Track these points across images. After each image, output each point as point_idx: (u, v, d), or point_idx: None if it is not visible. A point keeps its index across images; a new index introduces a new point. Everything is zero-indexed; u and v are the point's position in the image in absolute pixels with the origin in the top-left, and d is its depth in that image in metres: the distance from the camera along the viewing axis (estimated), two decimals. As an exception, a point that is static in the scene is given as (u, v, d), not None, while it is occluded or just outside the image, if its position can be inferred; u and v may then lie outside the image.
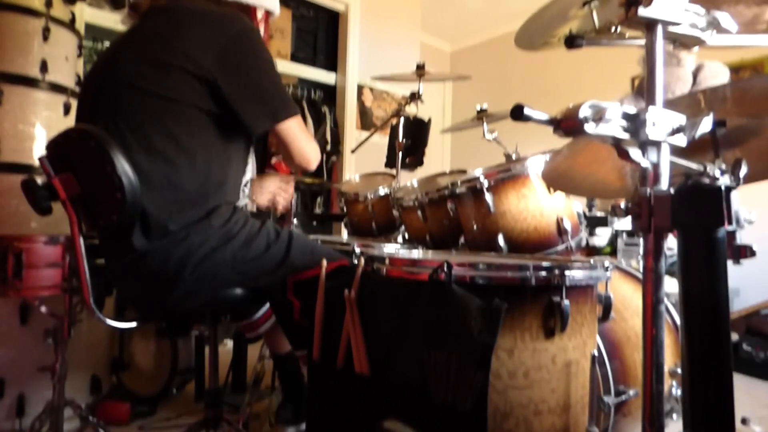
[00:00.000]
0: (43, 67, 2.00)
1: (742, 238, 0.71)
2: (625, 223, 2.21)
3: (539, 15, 1.18)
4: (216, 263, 1.22)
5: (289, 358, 1.62)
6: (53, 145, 1.25)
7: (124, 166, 1.13)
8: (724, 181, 0.71)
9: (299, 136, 1.32)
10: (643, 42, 0.77)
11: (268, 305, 1.52)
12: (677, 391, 1.35)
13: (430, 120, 2.94)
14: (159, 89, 1.19)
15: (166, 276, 1.20)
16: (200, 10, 1.27)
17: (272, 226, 1.33)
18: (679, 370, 1.33)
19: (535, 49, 1.32)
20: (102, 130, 1.16)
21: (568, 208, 1.63)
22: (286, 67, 4.08)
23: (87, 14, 2.95)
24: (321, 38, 4.40)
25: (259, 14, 1.47)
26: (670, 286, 0.92)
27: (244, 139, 1.35)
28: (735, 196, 0.68)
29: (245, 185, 1.40)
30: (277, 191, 1.62)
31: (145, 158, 1.18)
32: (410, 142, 2.79)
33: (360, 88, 4.39)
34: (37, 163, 1.92)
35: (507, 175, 1.58)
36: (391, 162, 2.84)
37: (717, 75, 2.57)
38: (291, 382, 1.64)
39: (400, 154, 2.76)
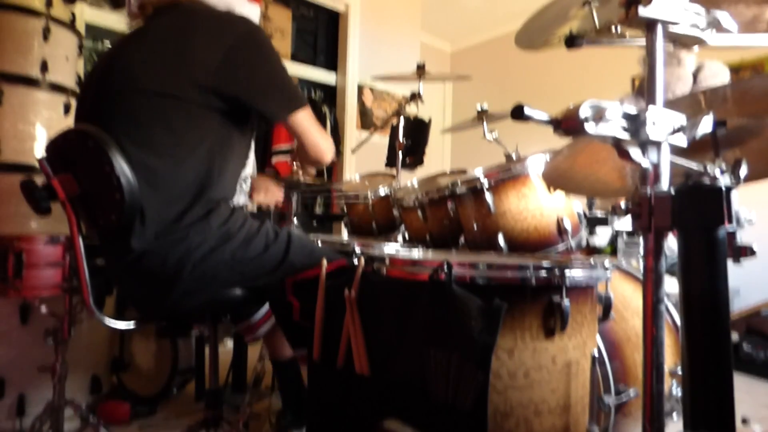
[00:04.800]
0: (44, 67, 2.00)
1: (742, 238, 0.71)
2: (625, 223, 2.21)
3: (539, 15, 1.18)
4: (215, 263, 1.22)
5: (289, 365, 1.61)
6: (52, 146, 1.25)
7: (122, 167, 1.13)
8: (724, 181, 0.71)
9: (312, 127, 1.35)
10: (643, 42, 0.77)
11: (266, 307, 1.52)
12: (677, 391, 1.35)
13: (430, 120, 2.94)
14: (165, 89, 1.19)
15: (166, 276, 1.20)
16: (206, 12, 1.29)
17: (271, 227, 1.33)
18: (679, 370, 1.33)
19: (535, 48, 1.32)
20: (101, 131, 1.17)
21: (568, 207, 1.63)
22: (286, 67, 4.07)
23: (87, 14, 2.95)
24: (321, 38, 4.40)
25: None
26: (670, 286, 0.92)
27: (248, 132, 1.37)
28: (735, 196, 0.68)
29: (244, 180, 1.40)
30: (266, 190, 1.63)
31: (148, 154, 1.18)
32: (410, 142, 2.79)
33: (360, 88, 4.39)
34: (37, 163, 1.92)
35: (507, 174, 1.58)
36: (391, 162, 2.84)
37: (717, 75, 2.57)
38: (291, 389, 1.63)
39: (401, 154, 2.75)
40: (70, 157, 1.22)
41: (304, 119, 1.32)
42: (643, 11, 0.72)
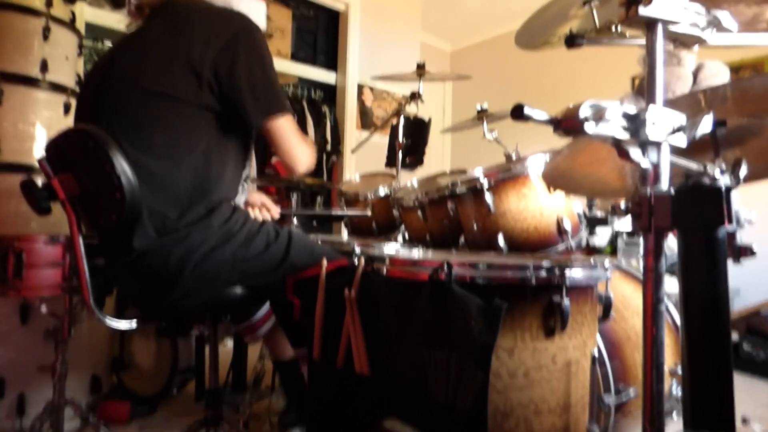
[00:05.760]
0: (44, 66, 1.99)
1: (742, 238, 0.71)
2: (625, 223, 2.21)
3: (539, 14, 1.18)
4: (216, 262, 1.22)
5: (291, 364, 1.61)
6: (52, 146, 1.25)
7: (122, 166, 1.13)
8: (724, 181, 0.71)
9: (289, 135, 1.32)
10: (643, 41, 0.77)
11: (267, 307, 1.52)
12: (677, 391, 1.35)
13: (430, 120, 2.94)
14: (162, 88, 1.20)
15: (167, 275, 1.20)
16: (203, 10, 1.29)
17: (272, 226, 1.33)
18: (679, 370, 1.33)
19: (535, 48, 1.31)
20: (101, 130, 1.17)
21: (568, 207, 1.63)
22: (286, 66, 4.08)
23: (87, 14, 2.95)
24: (321, 38, 4.40)
25: None
26: (670, 286, 0.92)
27: (244, 133, 1.36)
28: (735, 196, 0.68)
29: (245, 180, 1.40)
30: (261, 206, 1.63)
31: (146, 155, 1.19)
32: (410, 141, 2.79)
33: (360, 88, 4.39)
34: (37, 163, 1.92)
35: (507, 174, 1.58)
36: (391, 162, 2.84)
37: (717, 74, 2.57)
38: (294, 388, 1.63)
39: (401, 153, 2.75)
40: (70, 157, 1.22)
41: (281, 126, 1.29)
42: (643, 11, 0.72)
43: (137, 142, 1.19)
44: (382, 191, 2.23)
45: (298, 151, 1.34)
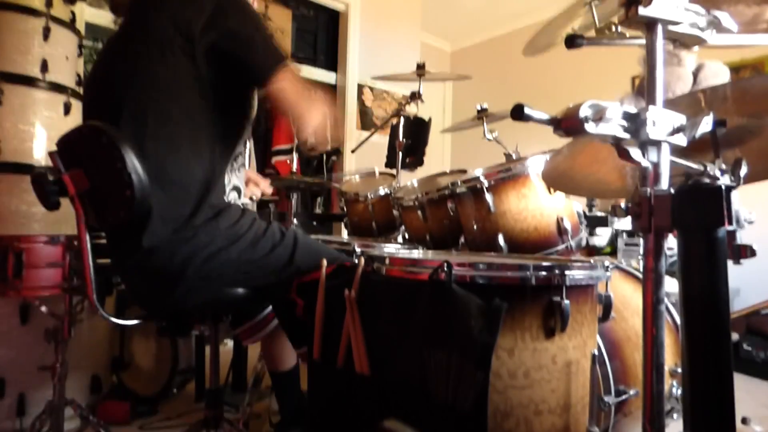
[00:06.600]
0: (44, 66, 2.00)
1: (742, 238, 0.71)
2: (625, 223, 2.21)
3: (545, 30, 1.18)
4: (221, 262, 1.22)
5: (287, 376, 1.60)
6: (65, 141, 1.25)
7: (134, 164, 1.13)
8: (724, 181, 0.71)
9: (295, 87, 1.27)
10: (643, 41, 0.77)
11: (268, 311, 1.52)
12: (677, 391, 1.35)
13: (430, 120, 2.94)
14: (157, 77, 1.20)
15: (171, 273, 1.21)
16: None
17: (278, 227, 1.34)
18: (679, 370, 1.33)
19: (540, 53, 1.32)
20: (113, 127, 1.17)
21: (568, 207, 1.63)
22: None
23: (87, 14, 2.95)
24: (321, 38, 4.40)
25: None
26: (670, 286, 0.92)
27: (239, 125, 1.36)
28: (735, 196, 0.68)
29: (235, 158, 1.40)
30: (252, 183, 1.63)
31: (155, 153, 1.19)
32: (410, 141, 2.79)
33: (360, 88, 4.39)
34: (36, 162, 1.92)
35: (507, 174, 1.58)
36: (391, 162, 2.84)
37: (717, 74, 2.57)
38: (289, 399, 1.63)
39: (401, 153, 2.75)
40: (81, 153, 1.22)
41: (287, 79, 1.25)
42: (643, 11, 0.72)
43: (146, 140, 1.19)
44: (382, 191, 2.23)
45: (306, 103, 1.28)
